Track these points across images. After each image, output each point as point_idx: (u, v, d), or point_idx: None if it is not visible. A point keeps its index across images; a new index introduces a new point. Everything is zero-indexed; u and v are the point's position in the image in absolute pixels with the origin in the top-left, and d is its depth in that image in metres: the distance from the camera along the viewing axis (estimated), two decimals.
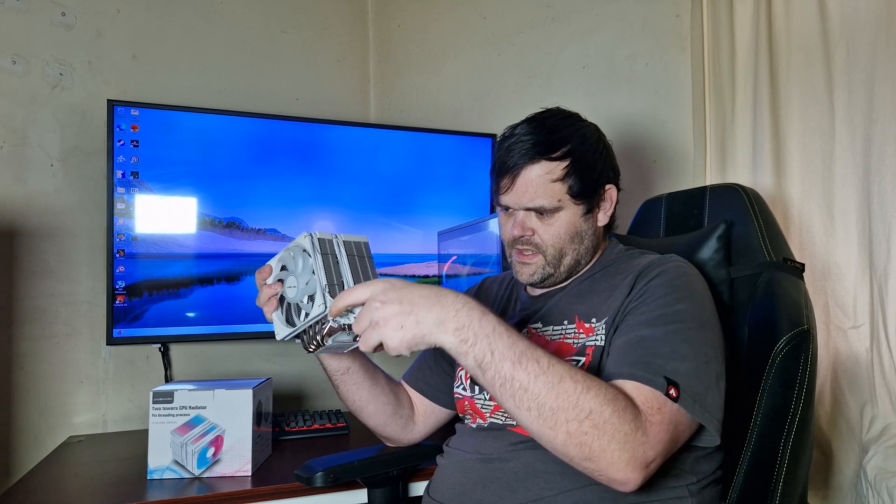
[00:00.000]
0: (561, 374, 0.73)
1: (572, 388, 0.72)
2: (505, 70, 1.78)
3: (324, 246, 0.88)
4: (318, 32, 1.88)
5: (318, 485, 1.01)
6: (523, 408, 0.72)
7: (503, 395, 0.73)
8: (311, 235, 0.88)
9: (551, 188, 0.94)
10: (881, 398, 1.17)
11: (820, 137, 1.31)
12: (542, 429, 0.72)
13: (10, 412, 1.45)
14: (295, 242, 0.90)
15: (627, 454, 0.71)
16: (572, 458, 0.73)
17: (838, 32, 1.28)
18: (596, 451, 0.71)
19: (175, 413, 1.11)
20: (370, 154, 1.67)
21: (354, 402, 1.07)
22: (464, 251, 1.69)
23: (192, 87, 1.69)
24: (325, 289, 0.84)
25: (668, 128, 1.60)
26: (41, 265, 1.50)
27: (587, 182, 0.96)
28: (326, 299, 0.83)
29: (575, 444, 0.71)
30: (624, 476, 0.72)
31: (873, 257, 1.21)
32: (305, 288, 0.87)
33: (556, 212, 0.95)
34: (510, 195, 0.96)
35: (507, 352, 0.72)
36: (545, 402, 0.71)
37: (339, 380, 1.05)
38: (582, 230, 0.97)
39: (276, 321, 0.93)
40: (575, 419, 0.71)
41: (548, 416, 0.71)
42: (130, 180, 1.45)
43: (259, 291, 0.94)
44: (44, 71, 1.53)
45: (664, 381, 0.77)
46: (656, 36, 1.61)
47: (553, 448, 0.74)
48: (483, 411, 0.99)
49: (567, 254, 0.97)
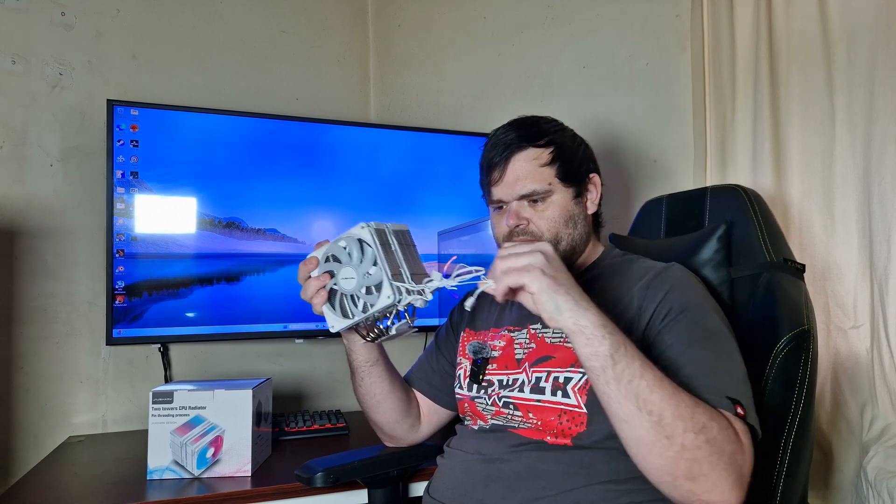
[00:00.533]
0: (675, 386, 0.73)
1: (688, 400, 0.73)
2: (505, 70, 1.78)
3: (381, 236, 0.89)
4: (318, 32, 1.88)
5: (318, 485, 1.01)
6: (644, 410, 0.71)
7: (627, 393, 0.71)
8: (369, 226, 0.88)
9: (540, 172, 0.98)
10: (881, 398, 1.17)
11: (820, 137, 1.31)
12: (657, 438, 0.71)
13: (9, 412, 1.45)
14: (349, 233, 0.90)
15: (733, 476, 0.72)
16: (678, 475, 0.71)
17: (838, 32, 1.28)
18: (705, 469, 0.71)
19: (175, 413, 1.11)
20: (370, 154, 1.67)
21: (375, 395, 1.07)
22: (464, 251, 1.69)
23: (191, 87, 1.68)
24: (391, 278, 0.85)
25: (668, 128, 1.60)
26: (41, 265, 1.50)
27: (572, 167, 1.00)
28: (394, 289, 0.84)
29: (687, 459, 0.70)
30: (727, 499, 0.72)
31: (873, 257, 1.21)
32: (366, 279, 0.87)
33: (547, 196, 0.98)
34: (501, 187, 0.99)
35: (636, 351, 0.74)
36: (666, 408, 0.71)
37: (367, 371, 1.05)
38: (574, 214, 1.00)
39: (328, 313, 0.92)
40: (692, 430, 0.70)
41: (667, 424, 0.71)
42: (130, 180, 1.45)
43: (303, 286, 0.93)
44: (43, 71, 1.52)
45: (729, 402, 0.78)
46: (656, 36, 1.61)
47: (661, 464, 0.72)
48: (485, 414, 0.99)
49: (563, 239, 0.99)
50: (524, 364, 0.95)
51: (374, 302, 0.87)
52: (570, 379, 0.88)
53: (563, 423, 0.88)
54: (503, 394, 0.96)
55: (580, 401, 0.87)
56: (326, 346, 1.79)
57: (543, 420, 0.90)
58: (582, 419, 0.87)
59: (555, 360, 0.92)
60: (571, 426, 0.87)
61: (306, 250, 1.59)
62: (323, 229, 1.61)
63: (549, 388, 0.90)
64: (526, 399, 0.92)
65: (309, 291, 0.92)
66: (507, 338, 1.01)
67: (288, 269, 1.58)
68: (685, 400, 0.72)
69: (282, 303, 1.57)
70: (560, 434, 0.88)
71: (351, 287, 0.89)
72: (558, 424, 0.88)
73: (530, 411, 0.92)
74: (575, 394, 0.87)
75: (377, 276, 0.86)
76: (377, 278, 0.86)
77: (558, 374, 0.90)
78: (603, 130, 1.63)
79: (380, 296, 0.86)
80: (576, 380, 0.88)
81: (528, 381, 0.93)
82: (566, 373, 0.89)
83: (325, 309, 0.92)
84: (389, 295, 0.85)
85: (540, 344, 0.96)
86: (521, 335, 0.99)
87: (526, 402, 0.92)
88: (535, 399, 0.91)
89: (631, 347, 0.74)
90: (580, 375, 0.88)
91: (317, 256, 0.93)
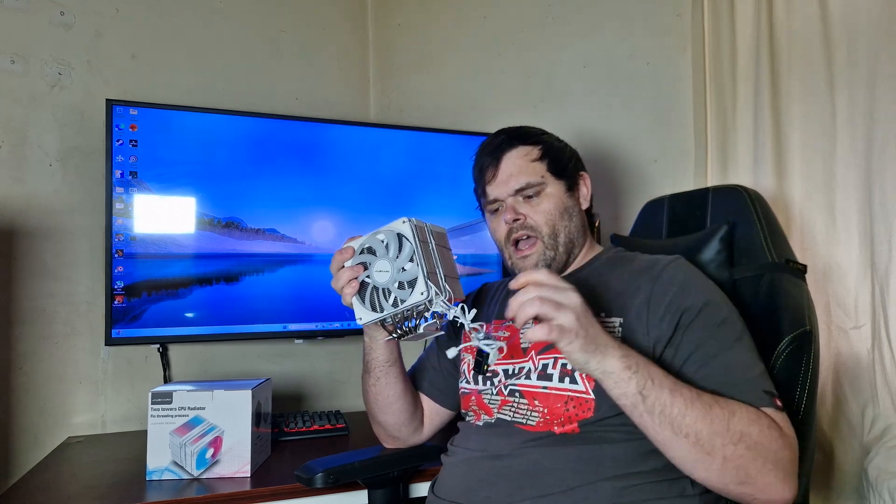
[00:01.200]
0: (709, 401, 0.76)
1: (721, 413, 0.75)
2: (505, 70, 1.78)
3: (421, 233, 0.89)
4: (318, 32, 1.88)
5: (318, 486, 1.01)
6: (681, 434, 0.74)
7: (661, 422, 0.75)
8: (410, 221, 0.88)
9: (532, 167, 1.02)
10: (882, 398, 1.17)
11: (821, 137, 1.31)
12: (698, 455, 0.75)
13: (9, 412, 1.44)
14: (389, 227, 0.90)
15: (782, 472, 0.75)
16: (727, 483, 0.76)
17: (839, 32, 1.28)
18: (752, 473, 0.75)
19: (174, 414, 1.10)
20: (370, 154, 1.66)
21: (387, 396, 1.07)
22: (464, 251, 1.69)
23: (191, 87, 1.68)
24: (427, 276, 0.84)
25: (669, 128, 1.60)
26: (40, 265, 1.50)
27: (561, 163, 1.04)
28: (429, 287, 0.84)
29: (732, 468, 0.75)
30: (781, 495, 0.76)
31: (874, 257, 1.21)
32: (400, 274, 0.87)
33: (541, 189, 1.01)
34: (495, 184, 1.02)
35: (663, 380, 0.76)
36: (702, 429, 0.74)
37: (384, 371, 1.05)
38: (569, 206, 1.03)
39: (357, 305, 0.92)
40: (730, 443, 0.74)
41: (705, 442, 0.74)
42: (129, 180, 1.45)
43: (334, 275, 0.93)
44: (43, 70, 1.52)
45: (767, 396, 0.81)
46: (657, 36, 1.60)
47: (708, 476, 0.76)
48: (490, 406, 0.98)
49: (560, 231, 1.01)
50: (530, 352, 0.96)
51: (406, 298, 0.86)
52: None
53: (569, 409, 0.88)
54: (509, 382, 0.96)
55: (588, 386, 0.87)
56: (326, 346, 1.78)
57: (550, 408, 0.90)
58: (589, 405, 0.87)
59: None
60: (578, 412, 0.88)
61: (306, 250, 1.59)
62: (323, 229, 1.61)
63: (557, 374, 0.90)
64: (532, 387, 0.93)
65: (341, 281, 0.92)
66: (512, 328, 1.02)
67: (288, 270, 1.57)
68: (718, 414, 0.75)
69: (281, 303, 1.56)
70: (567, 421, 0.88)
71: (384, 280, 0.89)
72: (564, 412, 0.88)
73: (536, 398, 0.92)
74: (583, 379, 0.88)
75: (412, 272, 0.86)
76: (412, 274, 0.86)
77: (566, 360, 0.89)
78: (603, 130, 1.63)
79: (413, 291, 0.86)
80: None
81: (534, 368, 0.94)
82: None
83: (355, 301, 0.92)
84: (423, 291, 0.84)
85: None
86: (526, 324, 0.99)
87: (532, 389, 0.93)
88: (541, 386, 0.92)
89: (658, 377, 0.76)
90: None
91: (352, 247, 0.93)
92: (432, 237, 0.91)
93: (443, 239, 0.94)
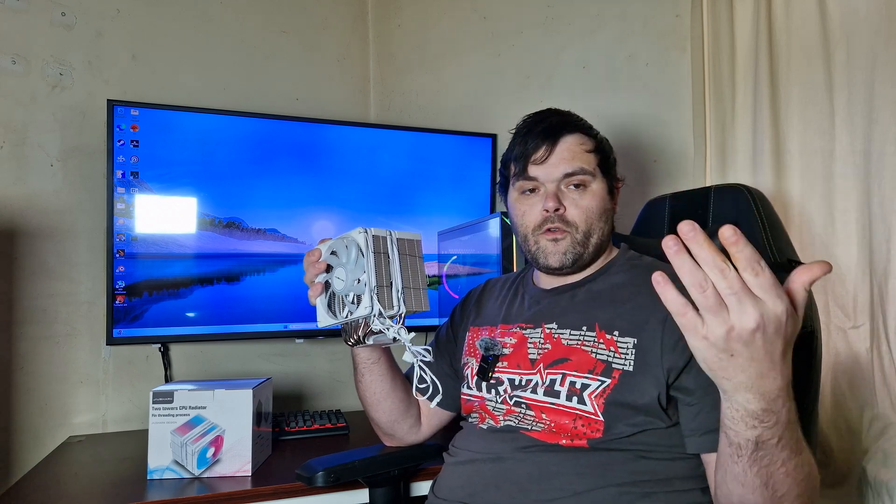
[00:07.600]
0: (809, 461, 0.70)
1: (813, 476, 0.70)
2: (505, 70, 1.78)
3: (377, 244, 0.88)
4: (318, 32, 1.88)
5: (319, 484, 1.01)
6: (768, 486, 0.68)
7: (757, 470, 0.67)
8: (367, 232, 0.87)
9: (588, 157, 0.98)
10: (881, 399, 1.17)
11: (820, 137, 1.31)
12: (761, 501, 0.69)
13: (10, 412, 1.45)
14: (349, 236, 0.90)
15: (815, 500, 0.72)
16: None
17: (838, 32, 1.28)
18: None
19: (175, 413, 1.11)
20: (370, 154, 1.67)
21: (375, 393, 1.07)
22: (464, 251, 1.69)
23: (191, 87, 1.68)
24: (374, 291, 0.84)
25: (668, 128, 1.60)
26: (41, 265, 1.50)
27: (609, 162, 1.01)
28: (374, 302, 0.84)
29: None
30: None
31: (873, 257, 1.21)
32: (354, 286, 0.88)
33: (590, 182, 0.97)
34: (545, 166, 0.97)
35: (791, 443, 0.67)
36: (792, 490, 0.68)
37: (368, 369, 1.06)
38: (608, 209, 1.00)
39: (320, 306, 0.94)
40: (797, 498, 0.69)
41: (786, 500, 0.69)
42: (130, 180, 1.45)
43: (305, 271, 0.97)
44: (43, 71, 1.52)
45: None
46: (656, 36, 1.61)
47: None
48: (496, 414, 0.96)
49: (594, 233, 0.97)
50: (539, 365, 0.93)
51: (354, 310, 0.87)
52: (588, 386, 0.86)
53: (577, 427, 0.86)
54: (514, 393, 0.94)
55: (597, 409, 0.84)
56: (326, 346, 1.79)
57: (557, 423, 0.87)
58: (598, 426, 0.84)
59: (571, 363, 0.89)
60: (587, 431, 0.85)
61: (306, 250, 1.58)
62: (323, 229, 1.61)
63: (565, 392, 0.87)
64: (539, 401, 0.90)
65: (308, 276, 0.96)
66: (519, 335, 0.99)
67: (288, 269, 1.58)
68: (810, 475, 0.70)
69: (282, 303, 1.57)
70: (575, 437, 0.86)
71: (340, 288, 0.89)
72: (573, 428, 0.86)
73: (544, 412, 0.89)
74: (592, 401, 0.85)
75: (362, 287, 0.87)
76: (362, 289, 0.86)
77: (575, 378, 0.87)
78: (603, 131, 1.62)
79: (359, 306, 0.86)
80: (593, 387, 0.85)
81: (542, 382, 0.91)
82: (583, 379, 0.87)
83: (319, 301, 0.94)
84: (367, 306, 0.85)
85: (556, 345, 0.93)
86: (536, 334, 0.96)
87: (539, 403, 0.90)
88: (548, 402, 0.89)
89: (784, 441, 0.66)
90: (598, 383, 0.85)
91: (321, 249, 0.96)
92: (395, 246, 0.89)
93: (414, 248, 0.92)
